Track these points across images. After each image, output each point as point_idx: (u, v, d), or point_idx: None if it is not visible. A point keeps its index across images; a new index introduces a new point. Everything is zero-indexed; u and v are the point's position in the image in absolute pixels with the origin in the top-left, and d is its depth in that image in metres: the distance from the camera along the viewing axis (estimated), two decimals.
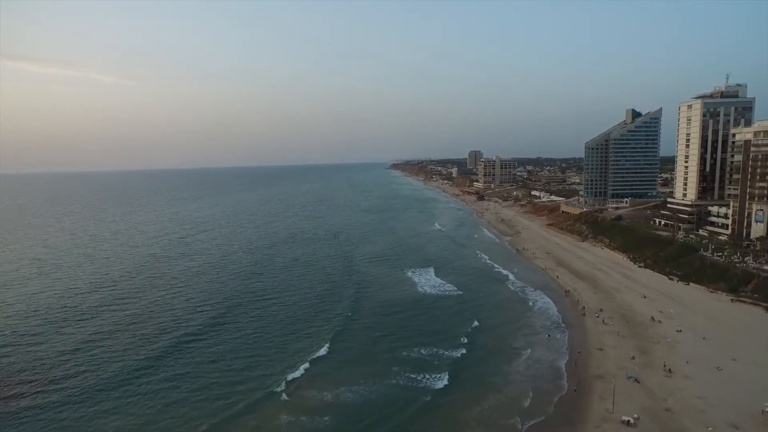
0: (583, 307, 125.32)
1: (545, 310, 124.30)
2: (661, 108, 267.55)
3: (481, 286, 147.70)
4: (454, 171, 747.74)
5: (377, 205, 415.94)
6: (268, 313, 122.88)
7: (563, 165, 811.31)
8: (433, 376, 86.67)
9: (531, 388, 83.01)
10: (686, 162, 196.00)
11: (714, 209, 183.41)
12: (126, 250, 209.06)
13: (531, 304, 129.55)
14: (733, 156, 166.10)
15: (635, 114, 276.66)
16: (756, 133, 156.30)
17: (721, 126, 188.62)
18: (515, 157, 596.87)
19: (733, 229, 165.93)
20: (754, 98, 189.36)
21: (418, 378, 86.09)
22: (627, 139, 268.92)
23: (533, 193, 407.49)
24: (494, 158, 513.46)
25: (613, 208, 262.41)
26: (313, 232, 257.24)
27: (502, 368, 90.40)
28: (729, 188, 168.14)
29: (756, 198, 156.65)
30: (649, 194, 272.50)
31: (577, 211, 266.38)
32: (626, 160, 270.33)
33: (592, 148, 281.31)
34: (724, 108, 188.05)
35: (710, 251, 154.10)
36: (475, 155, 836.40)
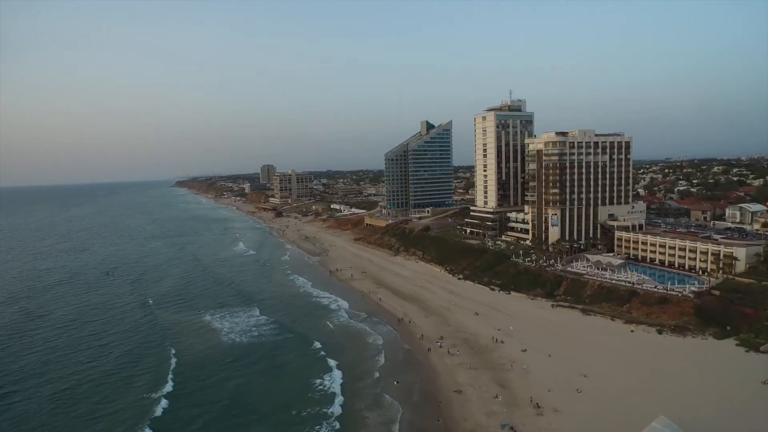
0: (422, 336, 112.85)
1: (385, 346, 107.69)
2: (452, 120, 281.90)
3: (310, 324, 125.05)
4: (247, 187, 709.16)
5: (167, 228, 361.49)
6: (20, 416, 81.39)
7: (354, 177, 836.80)
8: None
9: None
10: (485, 171, 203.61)
11: (513, 215, 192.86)
12: None
13: (369, 340, 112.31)
14: (528, 165, 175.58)
15: (429, 126, 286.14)
16: (546, 144, 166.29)
17: (511, 137, 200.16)
18: (307, 171, 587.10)
19: (533, 233, 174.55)
20: (533, 113, 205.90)
21: None
22: (424, 150, 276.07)
23: (333, 206, 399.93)
24: (290, 172, 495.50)
25: (416, 218, 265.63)
26: (83, 271, 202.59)
27: None
28: (527, 195, 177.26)
29: (551, 203, 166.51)
30: (446, 203, 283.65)
31: (383, 223, 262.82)
32: (424, 170, 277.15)
33: (392, 159, 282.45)
34: (512, 120, 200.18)
35: (521, 257, 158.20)
36: (268, 170, 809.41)
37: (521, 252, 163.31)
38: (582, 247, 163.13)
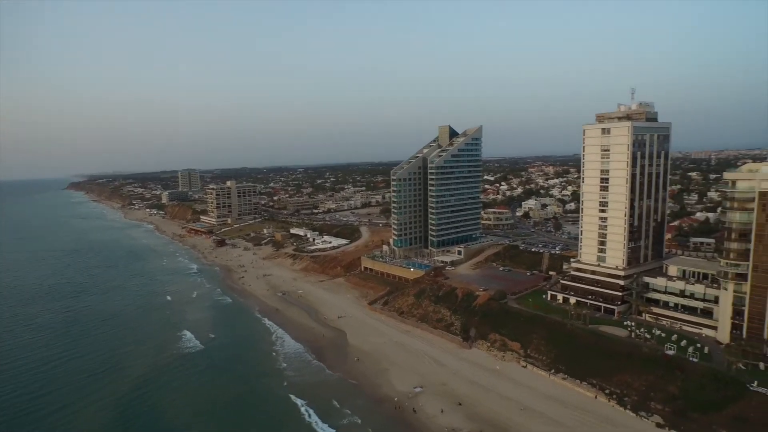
0: None
1: None
2: (482, 126, 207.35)
3: None
4: (165, 196, 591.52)
5: (69, 279, 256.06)
6: None
7: (282, 179, 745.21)
8: None
9: None
10: (603, 210, 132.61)
11: (659, 281, 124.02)
12: None
13: None
14: (728, 212, 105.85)
15: (452, 132, 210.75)
16: None
17: (647, 159, 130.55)
18: (220, 169, 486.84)
19: (734, 323, 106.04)
20: (670, 123, 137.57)
21: None
22: (451, 166, 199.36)
23: (295, 231, 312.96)
24: (228, 184, 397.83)
25: (445, 262, 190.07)
26: None
27: None
28: (724, 261, 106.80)
29: None
30: (474, 236, 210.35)
31: (407, 273, 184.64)
32: (450, 194, 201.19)
33: (404, 179, 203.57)
34: (649, 135, 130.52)
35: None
36: (189, 174, 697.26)
37: (746, 365, 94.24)
38: None
